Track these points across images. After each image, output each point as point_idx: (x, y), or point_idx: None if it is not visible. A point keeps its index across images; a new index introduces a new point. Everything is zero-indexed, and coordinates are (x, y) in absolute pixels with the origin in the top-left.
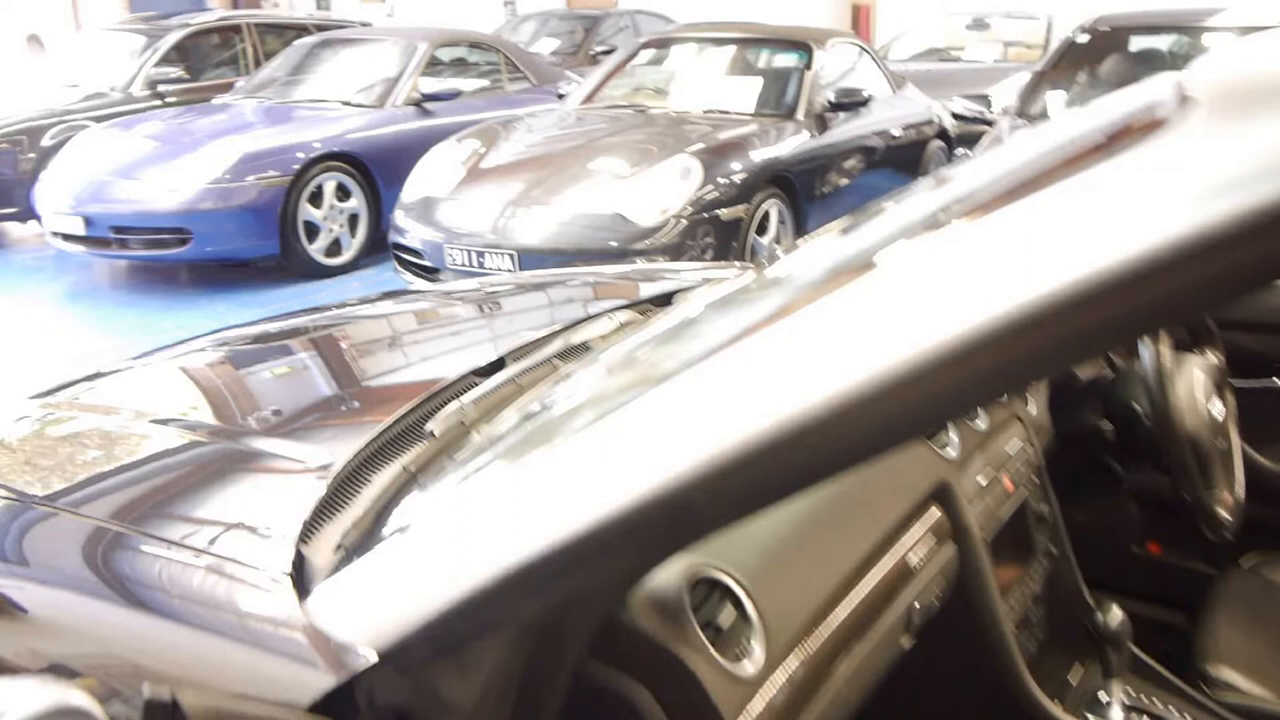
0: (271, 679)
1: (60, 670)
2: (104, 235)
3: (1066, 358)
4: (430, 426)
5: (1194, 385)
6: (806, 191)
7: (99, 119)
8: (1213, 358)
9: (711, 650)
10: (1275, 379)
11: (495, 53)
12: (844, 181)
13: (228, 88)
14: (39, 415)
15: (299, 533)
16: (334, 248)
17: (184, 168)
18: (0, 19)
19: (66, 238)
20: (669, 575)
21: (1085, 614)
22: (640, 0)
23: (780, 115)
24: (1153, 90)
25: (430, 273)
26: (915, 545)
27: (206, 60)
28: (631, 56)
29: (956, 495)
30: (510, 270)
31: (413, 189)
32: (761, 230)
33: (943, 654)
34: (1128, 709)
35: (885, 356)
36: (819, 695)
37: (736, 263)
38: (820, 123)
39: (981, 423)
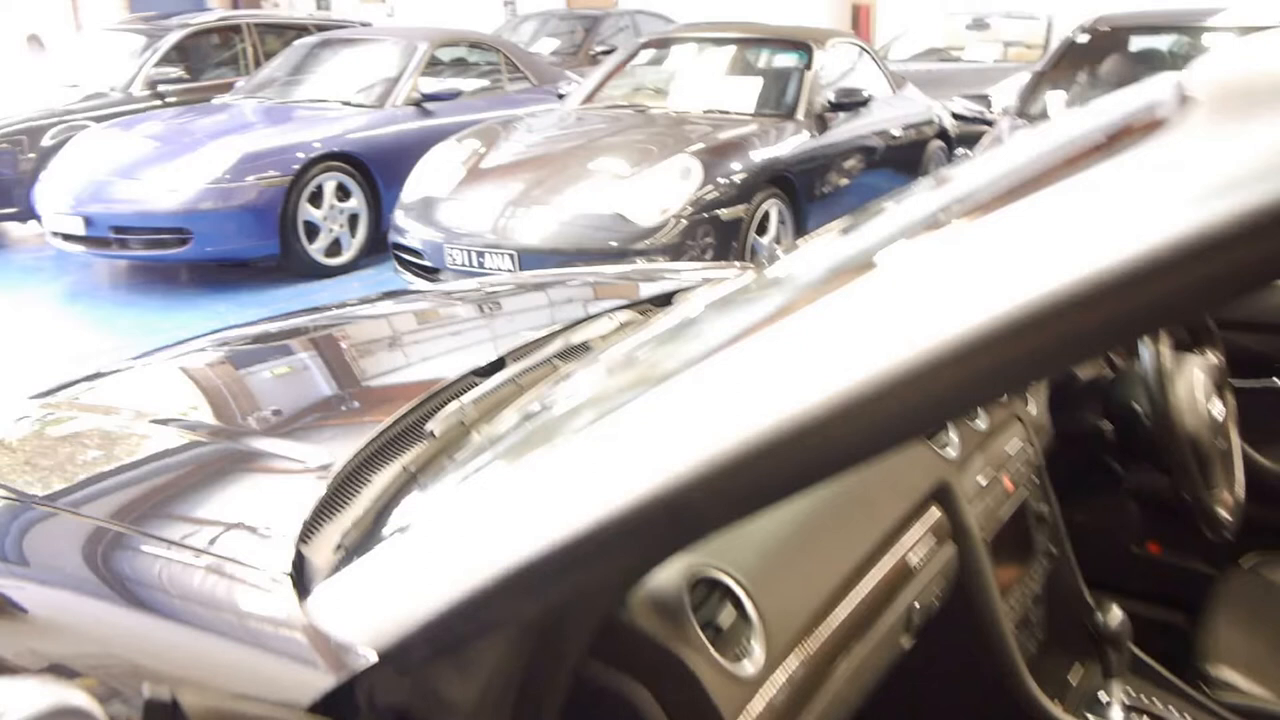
0: (271, 679)
1: (60, 670)
2: (104, 235)
3: (1066, 358)
4: (430, 426)
5: (1194, 385)
6: (806, 191)
7: (99, 119)
8: (1213, 358)
9: (711, 650)
10: (1275, 379)
11: (495, 53)
12: (844, 181)
13: (228, 88)
14: (39, 415)
15: (299, 533)
16: (334, 248)
17: (184, 168)
18: (0, 19)
19: (66, 238)
20: (669, 575)
21: (1085, 614)
22: (640, 0)
23: (780, 115)
24: (1153, 90)
25: (430, 273)
26: (915, 545)
27: (206, 60)
28: (631, 56)
29: (956, 495)
30: (510, 270)
31: (413, 189)
32: (761, 230)
33: (943, 654)
34: (1128, 709)
35: (885, 356)
36: (819, 695)
37: (736, 263)
38: (820, 123)
39: (981, 423)
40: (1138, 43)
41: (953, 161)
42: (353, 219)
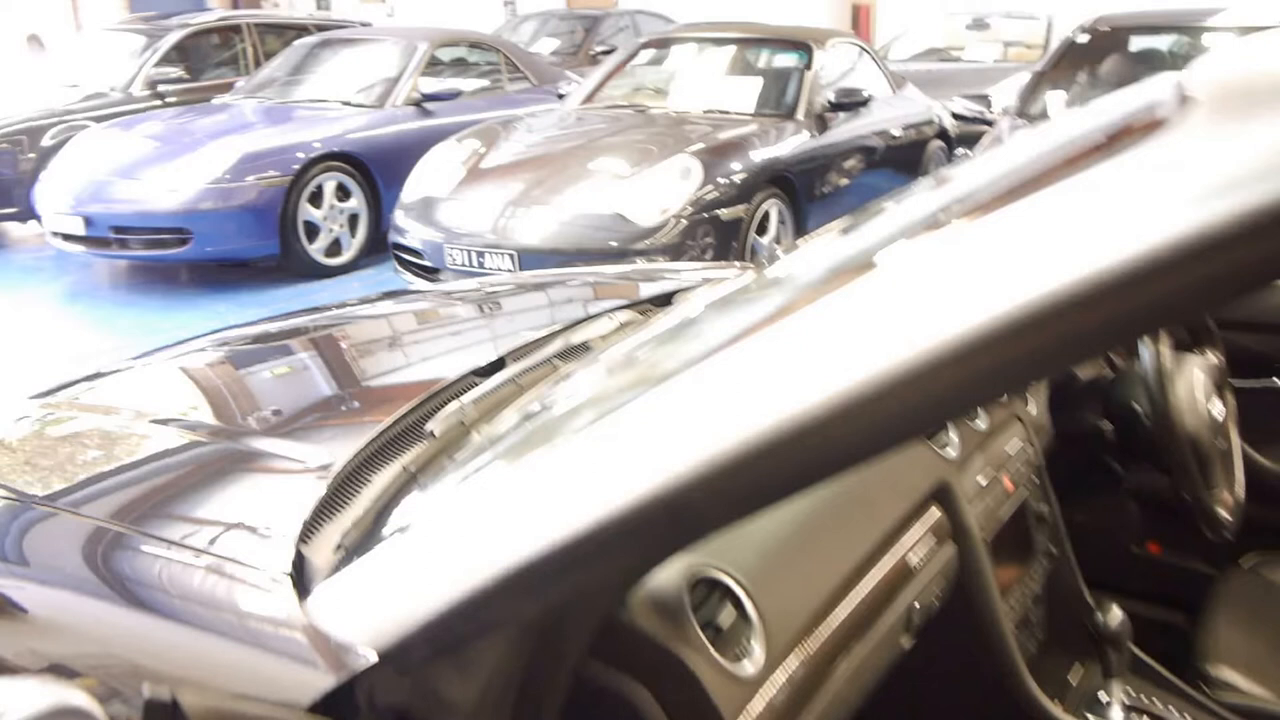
0: (271, 679)
1: (60, 670)
2: (104, 235)
3: (1066, 358)
4: (430, 426)
5: (1194, 385)
6: (806, 191)
7: (99, 119)
8: (1213, 358)
9: (711, 650)
10: (1275, 379)
11: (495, 53)
12: (844, 181)
13: (228, 88)
14: (39, 415)
15: (299, 533)
16: (334, 248)
17: (184, 168)
18: (0, 19)
19: (66, 238)
20: (669, 575)
21: (1085, 614)
22: (640, 0)
23: (780, 115)
24: (1153, 90)
25: (430, 273)
26: (915, 545)
27: (206, 60)
28: (631, 56)
29: (956, 495)
30: (510, 270)
31: (413, 189)
32: (761, 230)
33: (943, 654)
34: (1128, 709)
35: (885, 356)
36: (819, 695)
37: (736, 263)
38: (820, 123)
39: (981, 423)
40: (1138, 43)
41: (953, 161)
42: (353, 219)
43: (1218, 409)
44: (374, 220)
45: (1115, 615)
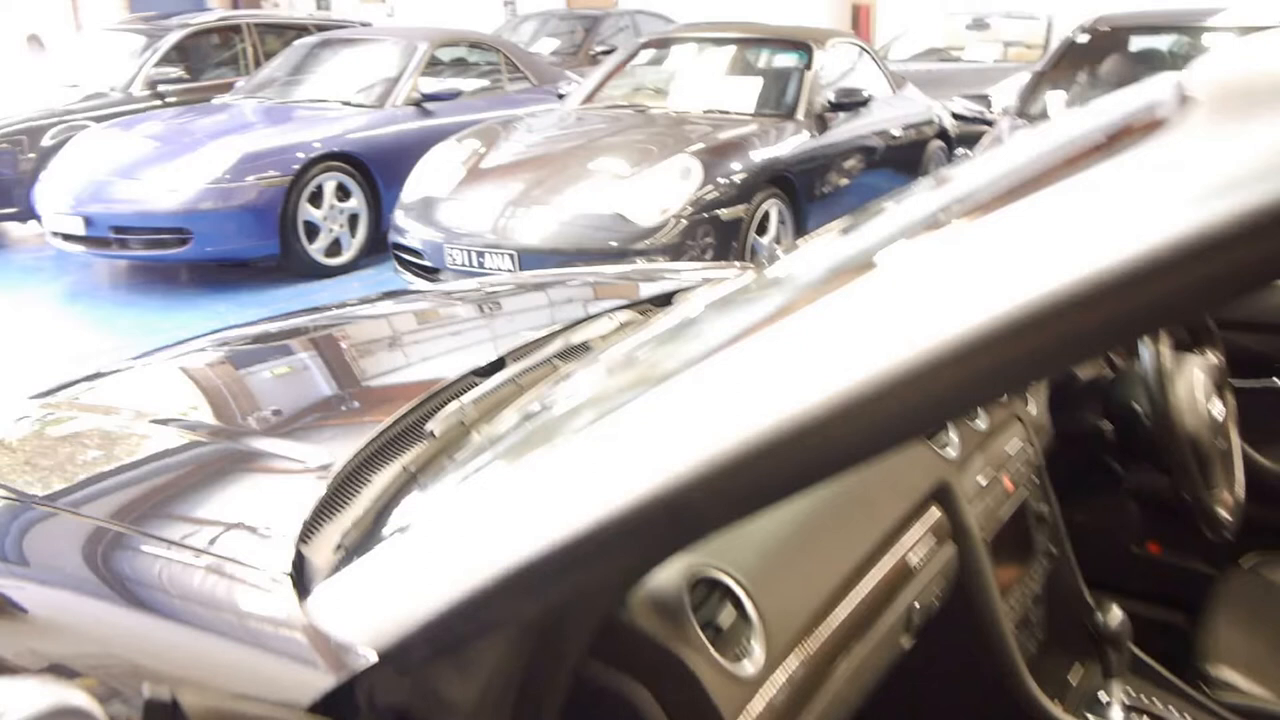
0: (271, 679)
1: (60, 670)
2: (104, 235)
3: (1066, 358)
4: (430, 426)
5: (1194, 385)
6: (806, 191)
7: (99, 119)
8: (1213, 358)
9: (711, 650)
10: (1275, 379)
11: (495, 53)
12: (844, 181)
13: (228, 88)
14: (39, 415)
15: (299, 533)
16: (334, 248)
17: (184, 168)
18: (0, 19)
19: (66, 238)
20: (669, 575)
21: (1085, 614)
22: (640, 0)
23: (780, 115)
24: (1153, 90)
25: (430, 273)
26: (915, 545)
27: (206, 60)
28: (631, 56)
29: (956, 495)
30: (510, 270)
31: (413, 189)
32: (761, 230)
33: (943, 654)
34: (1128, 709)
35: (885, 356)
36: (819, 695)
37: (736, 263)
38: (820, 123)
39: (981, 423)
40: (1138, 43)
41: (953, 161)
42: (353, 219)
43: (1218, 409)
44: (374, 220)
45: (1115, 615)
